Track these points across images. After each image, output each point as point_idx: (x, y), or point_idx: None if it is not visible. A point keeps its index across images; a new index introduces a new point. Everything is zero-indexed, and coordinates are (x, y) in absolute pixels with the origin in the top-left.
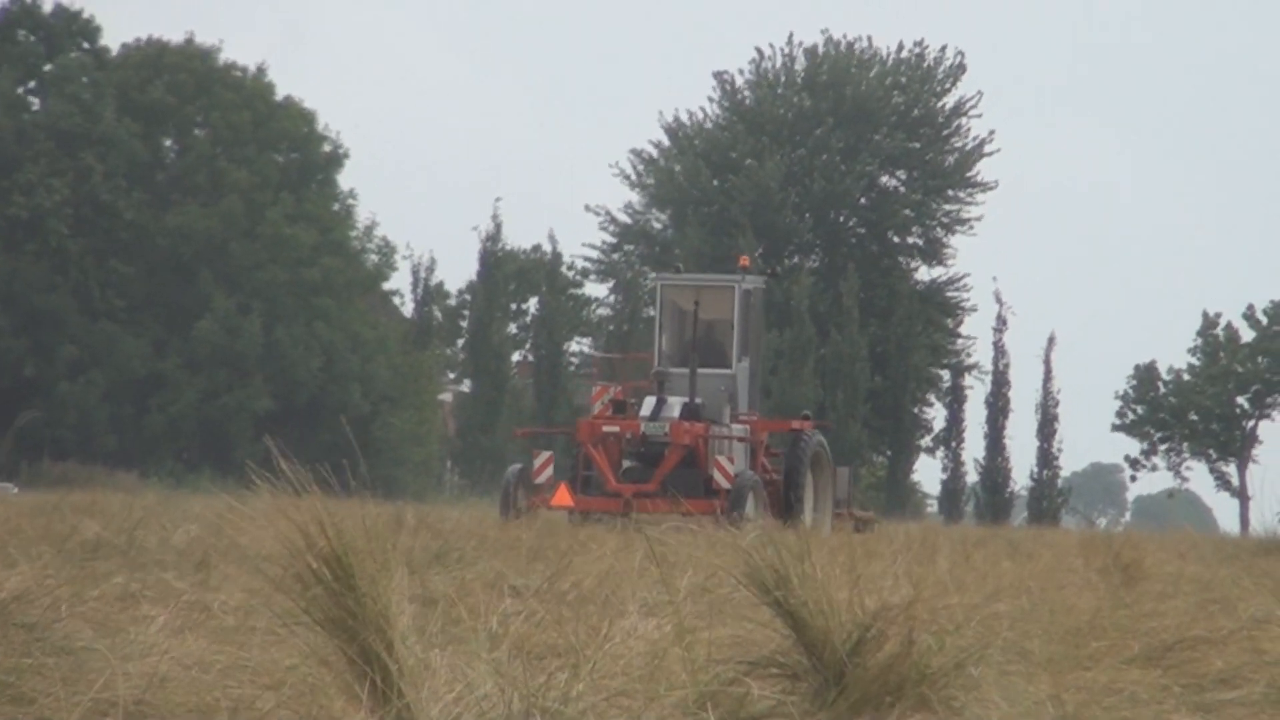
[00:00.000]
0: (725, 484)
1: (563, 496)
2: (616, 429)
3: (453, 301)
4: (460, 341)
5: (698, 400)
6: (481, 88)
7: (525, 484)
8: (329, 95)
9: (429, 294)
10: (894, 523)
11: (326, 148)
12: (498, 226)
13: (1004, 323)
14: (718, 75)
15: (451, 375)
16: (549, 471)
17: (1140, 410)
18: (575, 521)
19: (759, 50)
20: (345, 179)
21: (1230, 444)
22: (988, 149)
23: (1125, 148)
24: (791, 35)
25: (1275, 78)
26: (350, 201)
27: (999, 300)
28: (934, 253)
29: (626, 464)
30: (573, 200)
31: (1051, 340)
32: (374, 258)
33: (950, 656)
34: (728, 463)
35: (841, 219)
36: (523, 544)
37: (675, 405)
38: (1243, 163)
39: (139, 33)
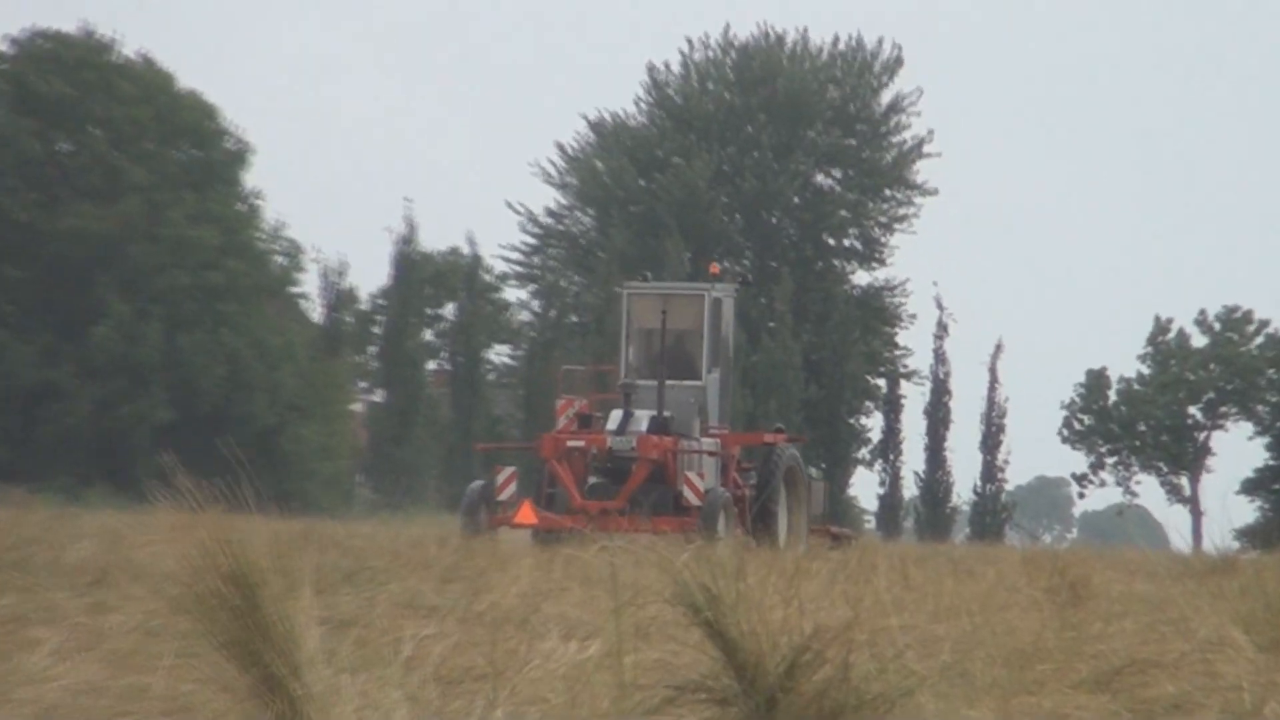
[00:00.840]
0: (696, 501)
1: (526, 515)
2: (581, 444)
3: (364, 306)
4: (372, 349)
5: (666, 413)
6: (395, 80)
7: (488, 502)
8: (232, 89)
9: (339, 299)
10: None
11: (230, 144)
12: (412, 227)
13: (945, 329)
14: (650, 68)
15: (363, 384)
16: (512, 488)
17: (1088, 420)
18: (540, 541)
19: (688, 42)
20: (250, 177)
21: (1182, 456)
22: (927, 149)
23: (1072, 149)
24: (727, 27)
25: (1227, 78)
26: (256, 201)
27: (940, 306)
28: (871, 255)
29: (592, 480)
30: (492, 199)
31: (999, 347)
32: (281, 260)
33: (889, 682)
34: (698, 479)
35: (774, 220)
36: (438, 562)
37: (643, 419)
38: (1195, 165)
39: (26, 22)
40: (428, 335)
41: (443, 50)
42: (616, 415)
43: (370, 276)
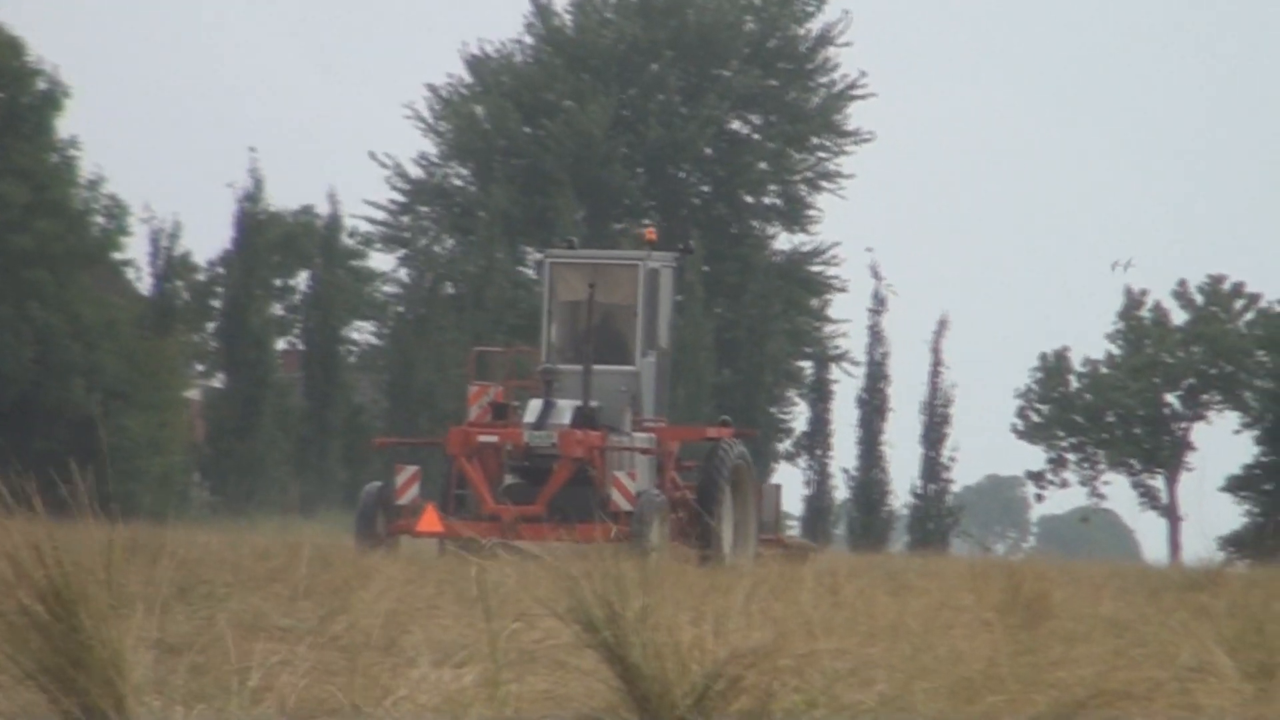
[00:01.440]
0: (625, 505)
1: (430, 521)
2: (495, 439)
3: (202, 276)
4: (211, 326)
5: (593, 403)
6: (239, 14)
7: (386, 506)
8: (42, 21)
9: (172, 267)
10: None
11: (41, 85)
12: (258, 183)
13: (883, 303)
14: None
15: (200, 367)
16: (414, 491)
17: (1047, 410)
18: (445, 550)
19: None
20: (65, 124)
21: (1157, 452)
22: (860, 91)
23: (1034, 91)
24: None
25: (1197, 30)
26: (71, 152)
27: (876, 275)
28: (796, 216)
29: (508, 481)
30: (353, 151)
31: (943, 324)
32: (102, 222)
33: (817, 715)
34: (628, 480)
35: (682, 174)
36: (288, 576)
37: (566, 410)
38: (1179, 113)
39: None
40: (276, 309)
41: None
42: (536, 405)
43: (209, 241)
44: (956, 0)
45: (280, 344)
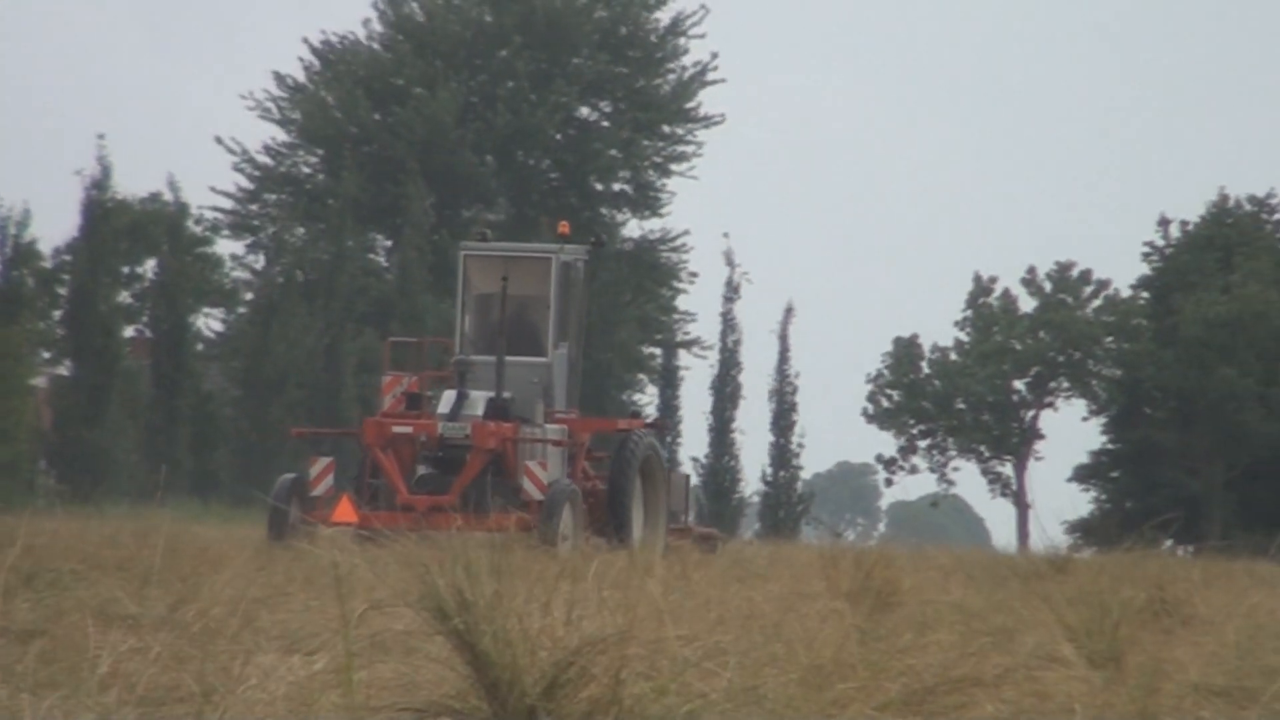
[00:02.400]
0: (537, 495)
1: (345, 512)
2: (409, 429)
3: (48, 263)
4: (57, 313)
5: (506, 395)
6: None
7: (300, 497)
8: None
9: (17, 253)
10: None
11: None
12: (105, 170)
13: (736, 290)
14: None
15: (46, 355)
16: (329, 481)
17: (897, 397)
18: (361, 540)
19: None
20: None
21: (1005, 439)
22: (711, 76)
23: (881, 82)
24: None
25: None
26: None
27: (730, 262)
28: (646, 202)
29: (421, 471)
30: (200, 137)
31: (789, 311)
32: None
33: (667, 703)
34: (540, 470)
35: (532, 161)
36: (137, 563)
37: (479, 401)
38: (1022, 107)
39: None
40: (124, 297)
41: None
42: (449, 396)
43: (55, 227)
44: None
45: (128, 331)
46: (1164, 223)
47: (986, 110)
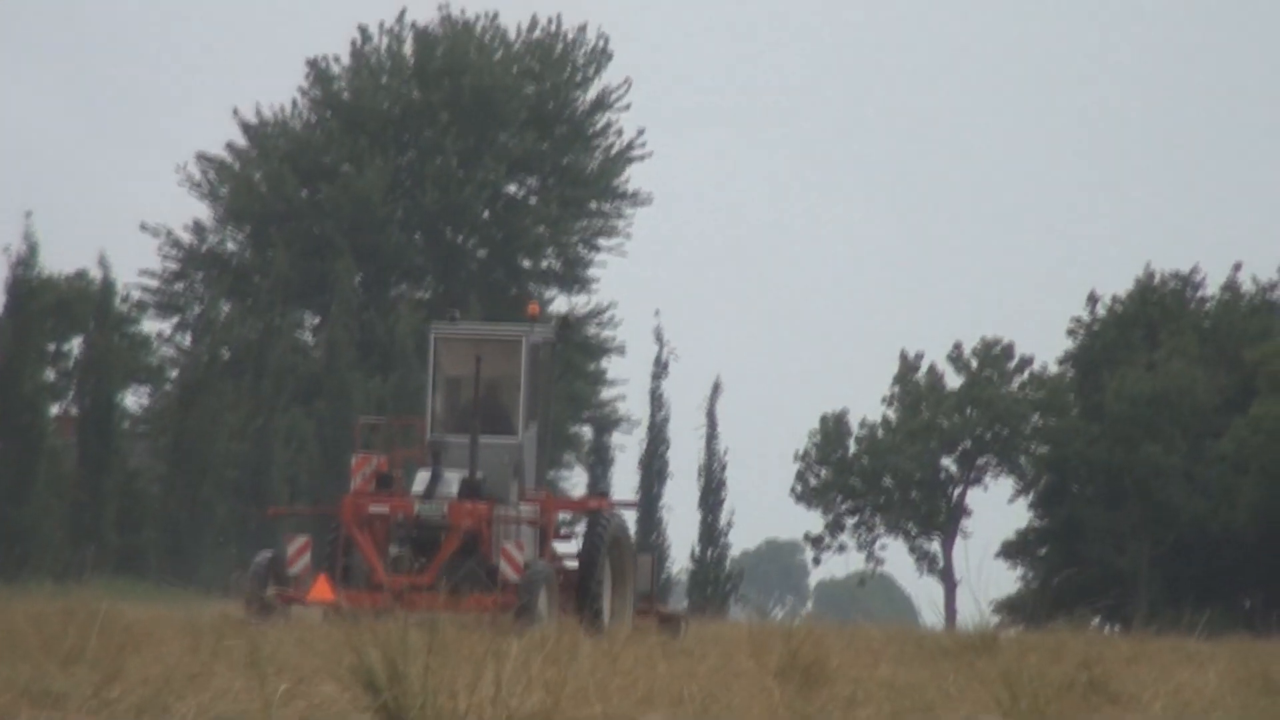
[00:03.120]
0: (514, 576)
1: (322, 590)
2: (385, 509)
3: None
4: None
5: (479, 474)
6: (9, 77)
7: (278, 575)
8: None
9: None
10: None
11: None
12: (31, 248)
13: (664, 367)
14: (312, 61)
15: None
16: (306, 559)
17: (825, 474)
18: (334, 619)
19: (360, 30)
20: None
21: (933, 516)
22: (638, 151)
23: (809, 151)
24: (403, 11)
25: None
26: None
27: (659, 339)
28: (574, 278)
29: (394, 551)
30: (127, 216)
31: (717, 388)
32: None
33: None
34: (516, 550)
35: (460, 238)
36: (62, 640)
37: (453, 481)
38: (947, 183)
39: None
40: (50, 375)
41: (65, 38)
42: (423, 476)
43: None
44: (733, 63)
45: (54, 409)
46: (1093, 299)
47: (913, 186)
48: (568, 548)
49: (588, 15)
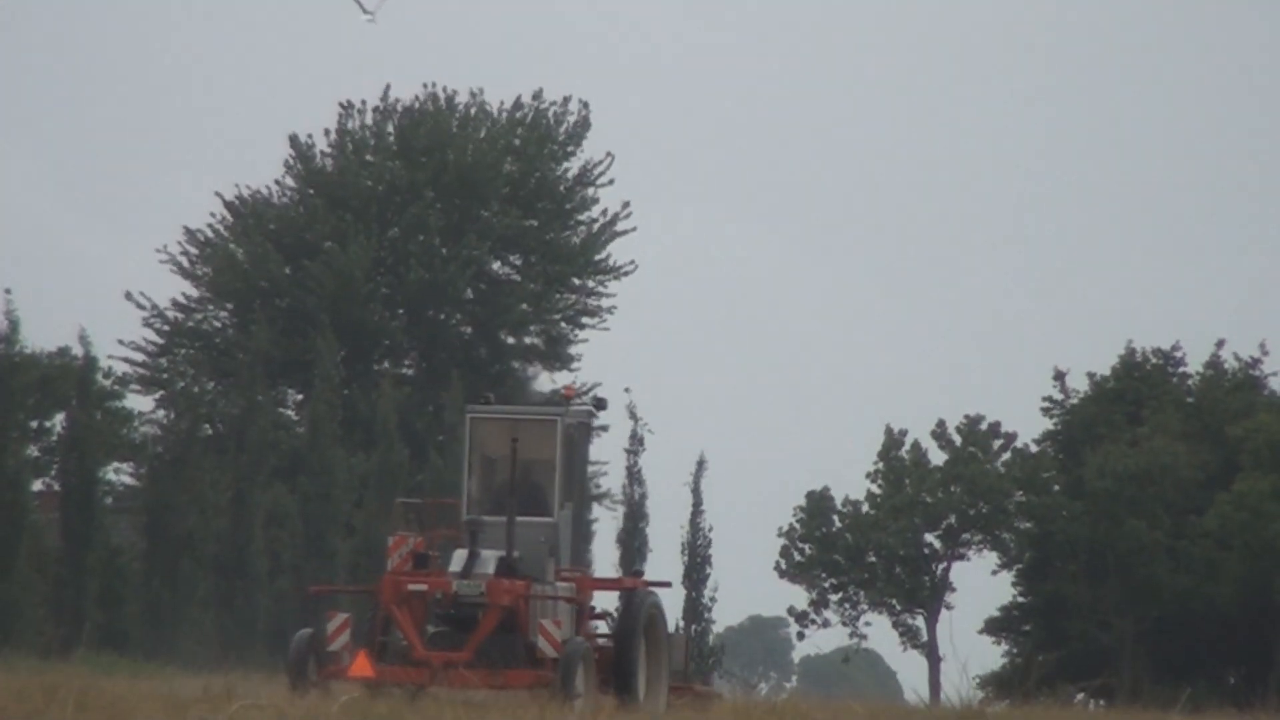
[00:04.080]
0: (552, 653)
1: (362, 666)
2: (424, 587)
3: None
4: None
5: (515, 553)
6: None
7: (317, 652)
8: None
9: None
10: None
11: None
12: (13, 324)
13: (641, 443)
14: (294, 139)
15: None
16: (345, 636)
17: (809, 550)
18: (372, 694)
19: (343, 107)
20: None
21: (917, 592)
22: (621, 226)
23: (791, 232)
24: (387, 89)
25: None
26: None
27: (634, 415)
28: (556, 356)
29: (433, 629)
30: (110, 292)
31: (701, 464)
32: None
33: None
34: (554, 628)
35: (443, 316)
36: (46, 717)
37: (490, 559)
38: (931, 259)
39: None
40: (32, 451)
41: (48, 114)
42: (460, 555)
43: None
44: (714, 137)
45: (36, 485)
46: (1059, 376)
47: (897, 262)
48: (602, 626)
49: (569, 89)
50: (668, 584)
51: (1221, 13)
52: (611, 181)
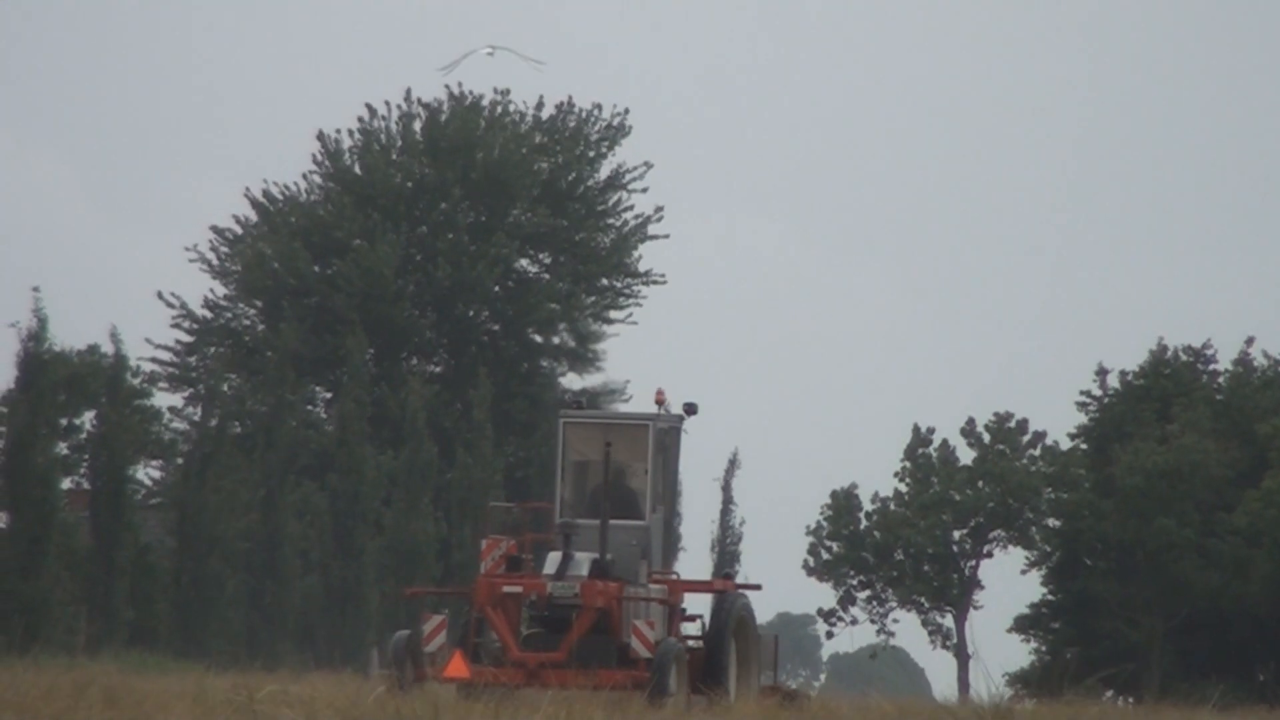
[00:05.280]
0: (645, 653)
1: (458, 667)
2: (519, 589)
3: None
4: None
5: (608, 556)
6: (16, 152)
7: (414, 653)
8: None
9: None
10: None
11: None
12: (41, 322)
13: None
14: (322, 136)
15: None
16: (441, 638)
17: (837, 548)
18: (467, 696)
19: (369, 107)
20: None
21: (945, 589)
22: (653, 230)
23: (820, 232)
24: (409, 91)
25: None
26: None
27: (666, 413)
28: (585, 355)
29: (527, 630)
30: (139, 290)
31: (733, 462)
32: None
33: None
34: (647, 628)
35: (471, 313)
36: (75, 715)
37: (584, 562)
38: (960, 257)
39: None
40: (62, 449)
41: (76, 114)
42: (554, 558)
43: None
44: (746, 137)
45: (66, 484)
46: (1102, 372)
47: (927, 260)
48: (692, 628)
49: (598, 95)
50: (758, 587)
51: (1258, 5)
52: (645, 190)
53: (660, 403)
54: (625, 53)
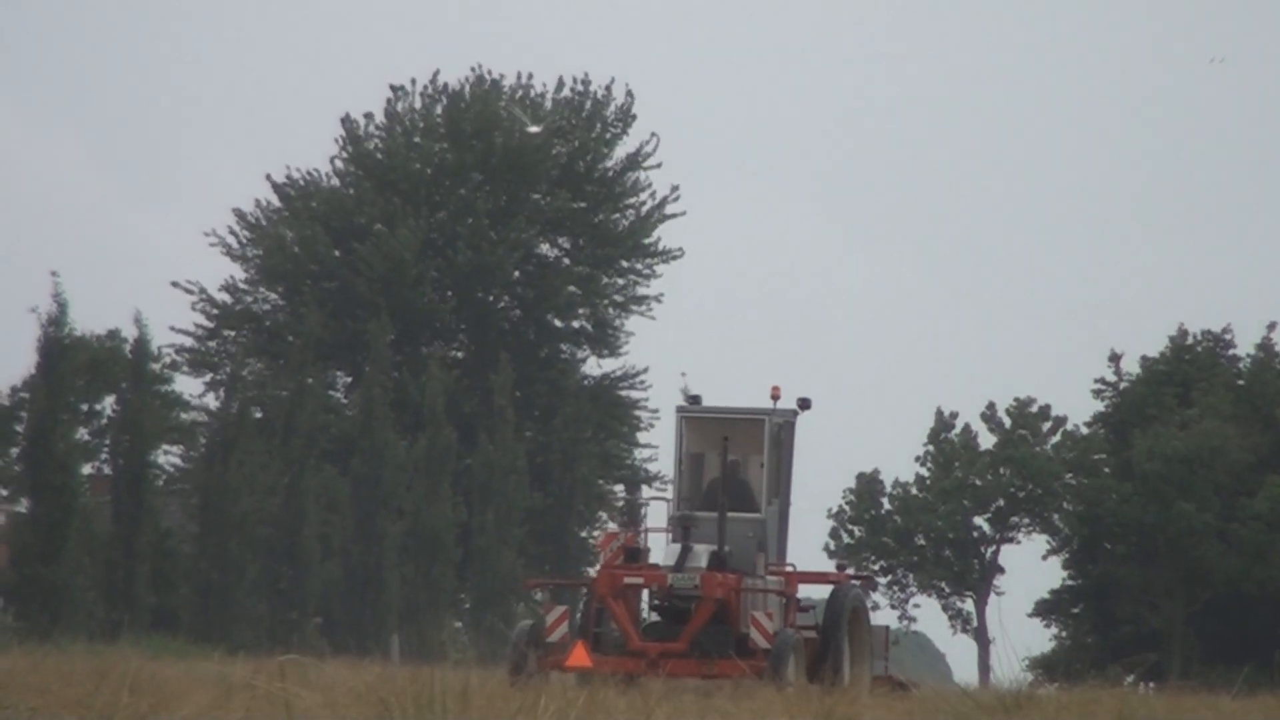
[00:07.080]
0: (764, 643)
1: (580, 656)
2: (639, 580)
3: (5, 401)
4: (14, 450)
5: (726, 548)
6: (36, 131)
7: (537, 643)
8: None
9: None
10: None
11: None
12: (62, 307)
13: None
14: (345, 120)
15: (3, 492)
16: (563, 628)
17: (859, 532)
18: (588, 684)
19: (392, 90)
20: None
21: (966, 574)
22: (670, 209)
23: (839, 213)
24: (436, 73)
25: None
26: None
27: (688, 398)
28: (605, 340)
29: (647, 620)
30: (159, 275)
31: None
32: None
33: None
34: (765, 619)
35: (491, 298)
36: (96, 699)
37: (702, 554)
38: (982, 242)
39: None
40: (82, 434)
41: (95, 97)
42: (673, 550)
43: (11, 365)
44: (764, 117)
45: (86, 469)
46: (1114, 358)
47: (944, 244)
48: (807, 619)
49: (615, 73)
50: (872, 578)
51: None
52: (659, 165)
53: (775, 397)
54: (638, 36)
